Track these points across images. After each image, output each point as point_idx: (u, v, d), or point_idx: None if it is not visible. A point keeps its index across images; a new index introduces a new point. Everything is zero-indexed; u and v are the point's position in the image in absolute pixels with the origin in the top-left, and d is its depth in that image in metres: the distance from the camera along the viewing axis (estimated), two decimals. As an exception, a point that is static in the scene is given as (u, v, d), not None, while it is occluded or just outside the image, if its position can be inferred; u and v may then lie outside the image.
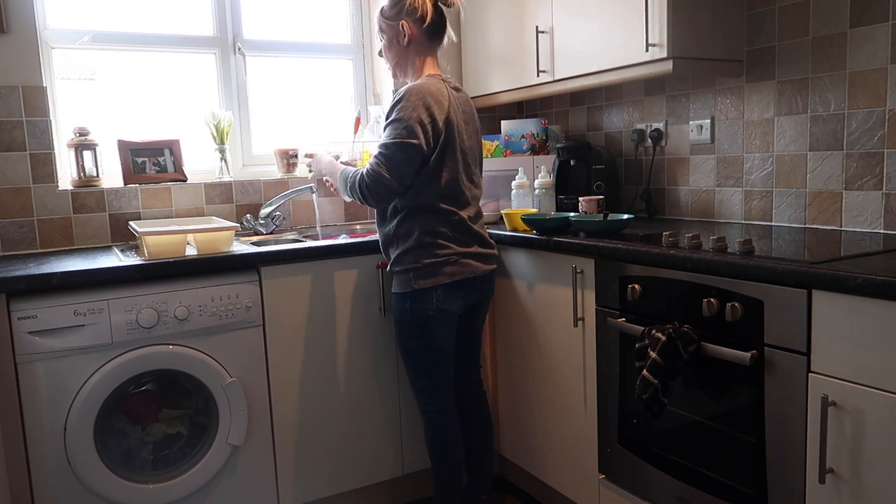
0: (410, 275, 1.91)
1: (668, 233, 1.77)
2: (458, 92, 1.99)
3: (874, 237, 1.78)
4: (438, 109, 1.85)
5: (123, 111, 2.60)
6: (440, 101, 1.87)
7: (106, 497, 1.88)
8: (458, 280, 1.92)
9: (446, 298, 1.92)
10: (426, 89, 1.85)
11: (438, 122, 1.85)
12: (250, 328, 2.06)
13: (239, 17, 2.72)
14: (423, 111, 1.82)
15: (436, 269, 1.89)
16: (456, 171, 1.91)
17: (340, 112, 3.01)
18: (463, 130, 1.95)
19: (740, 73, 2.17)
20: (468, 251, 1.94)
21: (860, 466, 1.33)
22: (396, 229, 1.93)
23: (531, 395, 2.29)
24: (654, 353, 1.63)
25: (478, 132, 2.05)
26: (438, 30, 1.97)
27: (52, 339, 1.80)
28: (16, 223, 2.28)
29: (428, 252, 1.89)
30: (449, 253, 1.90)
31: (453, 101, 1.93)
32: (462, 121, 1.95)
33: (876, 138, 1.85)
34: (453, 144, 1.90)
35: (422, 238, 1.90)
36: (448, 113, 1.88)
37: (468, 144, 1.97)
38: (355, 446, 2.27)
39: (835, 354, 1.35)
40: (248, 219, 2.63)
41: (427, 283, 1.89)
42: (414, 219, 1.91)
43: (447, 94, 1.91)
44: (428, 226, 1.90)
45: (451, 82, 1.98)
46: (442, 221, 1.91)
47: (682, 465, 1.73)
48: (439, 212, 1.90)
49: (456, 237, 1.92)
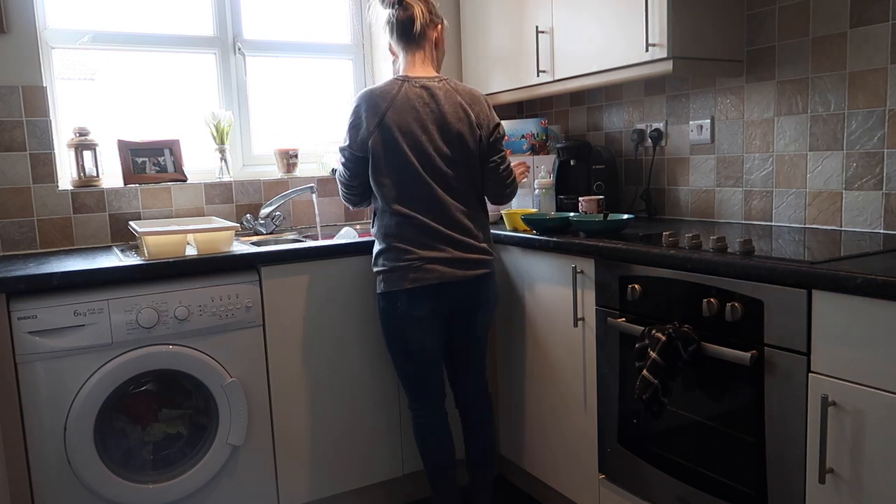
0: (381, 277, 1.95)
1: (668, 233, 1.77)
2: (430, 90, 1.91)
3: (874, 237, 1.77)
4: (370, 113, 1.88)
5: (123, 111, 2.60)
6: (377, 103, 1.88)
7: (106, 497, 1.88)
8: (421, 286, 1.89)
9: (410, 304, 1.91)
10: (367, 93, 1.92)
11: (368, 125, 1.88)
12: (250, 328, 2.06)
13: (239, 17, 2.72)
14: (354, 115, 1.92)
15: (400, 273, 1.90)
16: (408, 172, 1.88)
17: (340, 112, 3.01)
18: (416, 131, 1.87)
19: (740, 73, 2.17)
20: (433, 256, 1.89)
21: (860, 466, 1.33)
22: (373, 231, 2.00)
23: (531, 395, 2.29)
24: (654, 353, 1.63)
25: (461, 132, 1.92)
26: (402, 28, 1.96)
27: (52, 339, 1.80)
28: (16, 223, 2.28)
29: (393, 256, 1.91)
30: (412, 258, 1.89)
31: (401, 102, 1.88)
32: (419, 121, 1.88)
33: (876, 138, 1.85)
34: (395, 146, 1.88)
35: (386, 241, 1.93)
36: (383, 116, 1.87)
37: (435, 144, 1.89)
38: (355, 446, 2.27)
39: (835, 354, 1.35)
40: (248, 219, 2.63)
41: (391, 287, 1.92)
42: (379, 221, 1.96)
43: (392, 96, 1.89)
44: (389, 229, 1.92)
45: (423, 81, 1.92)
46: (402, 225, 1.90)
47: (682, 465, 1.73)
48: (397, 214, 1.90)
49: (419, 241, 1.89)
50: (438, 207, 1.91)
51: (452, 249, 1.91)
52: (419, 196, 1.90)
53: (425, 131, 1.90)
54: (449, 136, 1.92)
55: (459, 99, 1.95)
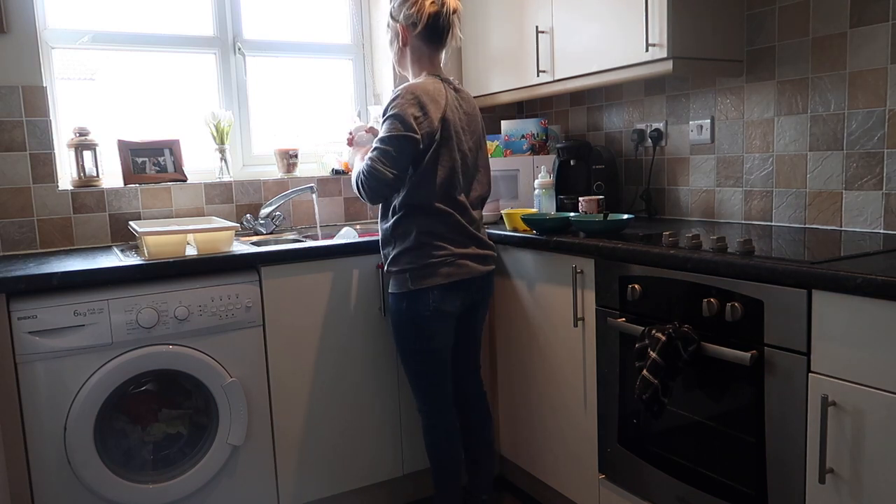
0: (407, 275, 1.91)
1: (668, 233, 1.77)
2: (459, 93, 1.99)
3: (874, 237, 1.78)
4: (434, 107, 1.86)
5: (123, 111, 2.60)
6: (436, 98, 1.87)
7: (106, 497, 1.88)
8: (454, 281, 1.91)
9: (442, 299, 1.92)
10: (422, 87, 1.87)
11: (433, 118, 1.85)
12: (250, 328, 2.06)
13: (239, 17, 2.72)
14: (416, 107, 1.84)
15: (432, 269, 1.89)
16: (453, 171, 1.91)
17: (340, 112, 3.01)
18: (461, 131, 1.94)
19: (740, 73, 2.17)
20: (465, 252, 1.94)
21: (860, 466, 1.33)
22: (394, 229, 1.93)
23: (531, 395, 2.29)
24: (654, 353, 1.63)
25: (480, 135, 2.04)
26: (434, 35, 1.94)
27: (52, 339, 1.80)
28: (16, 223, 2.27)
29: (424, 253, 1.89)
30: (445, 254, 1.90)
31: (451, 101, 1.92)
32: (461, 122, 1.95)
33: (876, 138, 1.85)
34: (450, 143, 1.90)
35: (419, 238, 1.89)
36: (444, 111, 1.88)
37: (467, 146, 1.96)
38: (355, 446, 2.27)
39: (835, 354, 1.35)
40: (248, 219, 2.63)
41: (423, 283, 1.89)
42: (411, 218, 1.91)
43: (444, 93, 1.91)
44: (425, 226, 1.90)
45: (453, 83, 1.98)
46: (439, 222, 1.90)
47: (682, 465, 1.73)
48: (436, 212, 1.90)
49: (453, 238, 1.92)
50: (465, 206, 1.96)
51: (475, 246, 1.98)
52: (455, 194, 1.93)
53: (464, 133, 1.96)
54: (472, 139, 2.00)
55: (475, 106, 2.05)
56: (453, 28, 1.97)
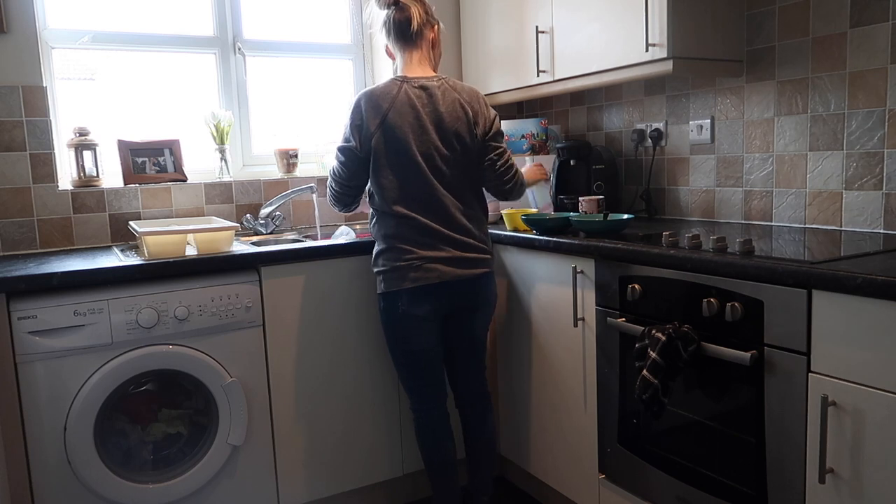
0: (381, 277, 1.96)
1: (668, 233, 1.77)
2: (428, 90, 1.91)
3: (874, 237, 1.77)
4: (372, 114, 1.88)
5: (123, 111, 2.60)
6: (378, 104, 1.89)
7: (106, 497, 1.88)
8: (421, 286, 1.90)
9: (411, 303, 1.92)
10: (368, 93, 1.92)
11: (370, 125, 1.88)
12: (250, 328, 2.06)
13: (239, 17, 2.72)
14: (356, 114, 1.91)
15: (401, 273, 1.91)
16: (408, 173, 1.89)
17: (340, 112, 3.01)
18: (412, 132, 1.88)
19: (740, 73, 2.17)
20: (434, 255, 1.90)
21: (860, 466, 1.33)
22: (373, 231, 2.01)
23: (531, 395, 2.29)
24: (654, 353, 1.63)
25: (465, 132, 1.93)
26: (399, 28, 1.96)
27: (52, 339, 1.80)
28: (16, 223, 2.28)
29: (394, 256, 1.92)
30: (413, 258, 1.90)
31: (401, 103, 1.89)
32: (419, 121, 1.88)
33: (876, 138, 1.85)
34: (396, 146, 1.88)
35: (386, 241, 1.94)
36: (385, 116, 1.87)
37: (433, 144, 1.90)
38: (355, 446, 2.27)
39: (835, 354, 1.35)
40: (248, 219, 2.63)
41: (392, 287, 1.93)
42: (379, 222, 1.96)
43: (393, 96, 1.89)
44: (389, 229, 1.93)
45: (422, 81, 1.93)
46: (402, 225, 1.91)
47: (682, 465, 1.73)
48: (396, 216, 1.91)
49: (419, 241, 1.90)
50: (438, 207, 1.92)
51: (452, 249, 1.93)
52: (419, 197, 1.91)
53: (425, 132, 1.90)
54: (447, 135, 1.92)
55: (457, 97, 1.95)
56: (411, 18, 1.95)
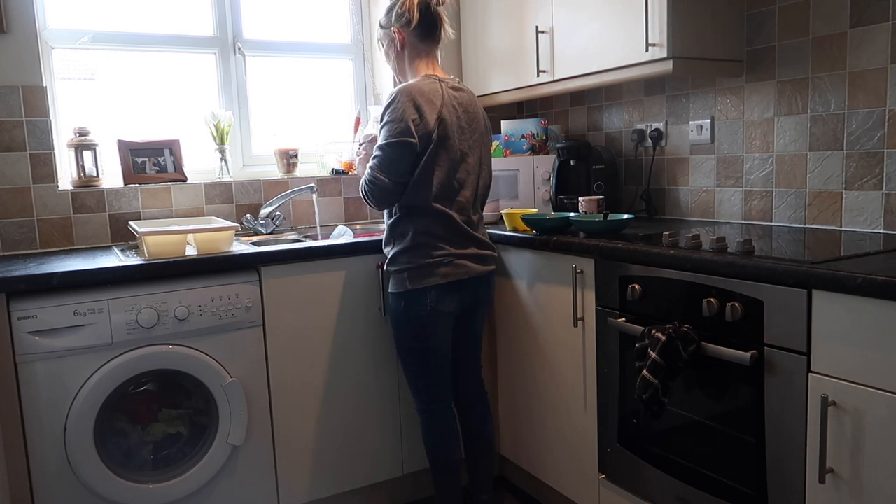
0: (405, 275, 1.92)
1: (668, 233, 1.77)
2: (458, 92, 1.98)
3: (874, 237, 1.77)
4: (429, 108, 1.86)
5: (123, 111, 2.60)
6: (431, 99, 1.87)
7: (106, 497, 1.88)
8: (451, 281, 1.92)
9: (440, 299, 1.92)
10: (416, 88, 1.87)
11: (429, 120, 1.85)
12: (250, 328, 2.06)
13: (239, 17, 2.72)
14: (412, 110, 1.84)
15: (430, 269, 1.90)
16: (451, 171, 1.91)
17: (340, 112, 3.01)
18: (456, 131, 1.92)
19: (740, 73, 2.17)
20: (463, 252, 1.94)
21: (860, 466, 1.33)
22: (393, 229, 1.96)
23: (531, 395, 2.29)
24: (654, 353, 1.63)
25: (482, 133, 2.01)
26: (429, 29, 1.97)
27: (52, 339, 1.80)
28: (16, 223, 2.28)
29: (422, 253, 1.90)
30: (443, 254, 1.90)
31: (448, 101, 1.91)
32: (459, 121, 1.93)
33: (876, 138, 1.85)
34: (447, 144, 1.89)
35: (416, 238, 1.90)
36: (440, 111, 1.87)
37: (466, 145, 1.95)
38: (355, 446, 2.27)
39: (835, 354, 1.35)
40: (248, 219, 2.63)
41: (421, 283, 1.90)
42: (409, 219, 1.92)
43: (441, 93, 1.90)
44: (422, 226, 1.90)
45: (451, 82, 1.98)
46: (436, 222, 1.91)
47: (682, 465, 1.73)
48: (433, 212, 1.90)
49: (450, 238, 1.92)
50: (464, 206, 1.95)
51: (475, 247, 1.97)
52: (453, 195, 1.93)
53: (462, 133, 1.94)
54: (472, 139, 1.98)
55: (477, 103, 2.03)
56: (443, 19, 1.99)
